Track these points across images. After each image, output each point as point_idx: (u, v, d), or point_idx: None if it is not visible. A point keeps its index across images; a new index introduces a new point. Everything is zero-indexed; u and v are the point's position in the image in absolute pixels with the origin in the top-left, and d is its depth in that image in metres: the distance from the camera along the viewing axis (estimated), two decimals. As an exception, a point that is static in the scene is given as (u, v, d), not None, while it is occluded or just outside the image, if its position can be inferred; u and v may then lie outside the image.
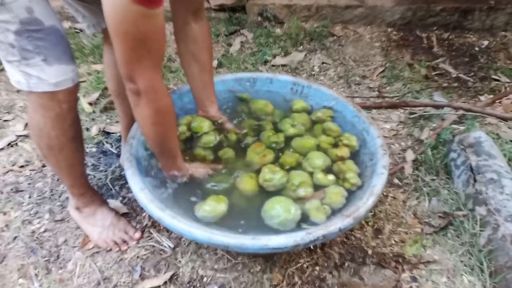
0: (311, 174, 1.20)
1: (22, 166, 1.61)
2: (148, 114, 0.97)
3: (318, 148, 1.30)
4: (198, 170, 1.21)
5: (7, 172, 1.59)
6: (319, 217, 1.06)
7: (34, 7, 0.91)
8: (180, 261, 1.28)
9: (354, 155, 1.28)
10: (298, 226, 1.06)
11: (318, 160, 1.22)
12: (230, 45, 2.38)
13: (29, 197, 1.49)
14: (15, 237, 1.35)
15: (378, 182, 1.08)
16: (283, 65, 2.21)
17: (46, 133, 1.08)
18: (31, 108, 1.07)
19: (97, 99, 1.94)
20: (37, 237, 1.35)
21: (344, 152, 1.27)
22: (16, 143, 1.72)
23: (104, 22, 1.17)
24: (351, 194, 1.15)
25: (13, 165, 1.62)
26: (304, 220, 1.08)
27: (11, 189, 1.52)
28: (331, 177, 1.19)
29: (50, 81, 0.99)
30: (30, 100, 1.05)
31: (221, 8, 2.53)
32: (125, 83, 0.92)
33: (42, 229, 1.38)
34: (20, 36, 0.92)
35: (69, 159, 1.17)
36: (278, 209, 1.05)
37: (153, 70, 0.91)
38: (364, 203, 1.02)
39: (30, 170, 1.60)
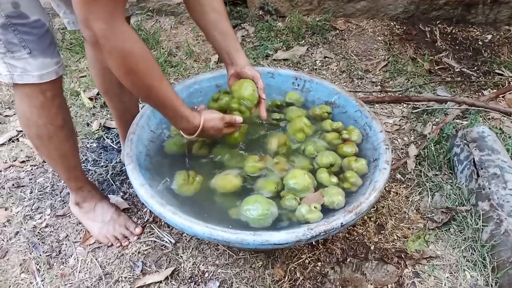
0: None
1: (23, 162, 1.61)
2: (115, 64, 0.88)
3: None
4: (211, 122, 1.09)
5: (9, 167, 1.59)
6: (313, 218, 1.05)
7: (20, 2, 0.92)
8: (181, 257, 1.28)
9: (358, 150, 1.27)
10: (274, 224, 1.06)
11: (325, 158, 1.21)
12: (231, 39, 2.36)
13: (31, 193, 1.49)
14: (17, 232, 1.35)
15: (380, 178, 1.07)
16: (285, 60, 2.19)
17: (33, 122, 1.09)
18: (17, 98, 1.08)
19: (97, 94, 1.94)
20: (38, 233, 1.35)
21: (353, 147, 1.26)
22: (17, 138, 1.71)
23: None
24: (352, 193, 1.14)
25: (14, 161, 1.61)
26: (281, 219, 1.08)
27: (13, 185, 1.52)
28: (334, 179, 1.16)
29: (34, 73, 0.99)
30: (14, 91, 1.06)
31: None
32: (82, 31, 0.85)
33: (43, 225, 1.38)
34: (6, 29, 0.93)
35: (60, 148, 1.17)
36: (257, 205, 1.05)
37: (112, 10, 0.81)
38: (367, 199, 1.01)
39: (31, 166, 1.59)
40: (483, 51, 2.29)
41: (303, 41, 2.35)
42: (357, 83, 2.06)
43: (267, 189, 1.12)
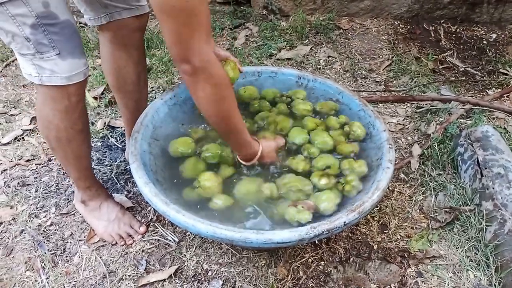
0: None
1: (28, 160, 1.62)
2: (210, 92, 0.94)
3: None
4: (268, 149, 1.17)
5: (14, 166, 1.60)
6: (304, 218, 1.05)
7: (50, 1, 0.92)
8: (185, 255, 1.28)
9: (360, 149, 1.26)
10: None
11: (321, 161, 1.21)
12: (235, 38, 2.36)
13: (36, 191, 1.50)
14: (22, 231, 1.36)
15: (383, 177, 1.07)
16: (289, 59, 2.19)
17: (55, 125, 1.10)
18: (40, 100, 1.08)
19: (102, 93, 1.95)
20: (43, 231, 1.36)
21: (354, 147, 1.26)
22: (23, 137, 1.73)
23: (102, 17, 1.18)
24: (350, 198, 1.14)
25: (19, 159, 1.63)
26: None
27: (18, 183, 1.53)
28: (323, 181, 1.15)
29: (63, 75, 1.00)
30: (39, 93, 1.07)
31: (226, 2, 2.52)
32: (179, 66, 0.90)
33: (48, 223, 1.39)
34: (36, 30, 0.93)
35: (77, 151, 1.19)
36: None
37: (206, 43, 0.87)
38: (370, 198, 1.01)
39: (37, 164, 1.61)
40: (487, 50, 2.28)
41: (307, 40, 2.35)
42: (361, 82, 2.06)
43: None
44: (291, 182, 1.14)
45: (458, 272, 1.24)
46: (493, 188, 1.31)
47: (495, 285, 1.18)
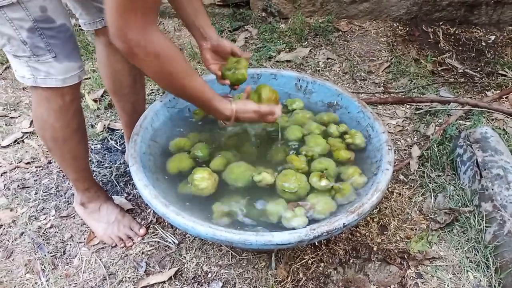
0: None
1: (28, 163, 1.63)
2: (151, 70, 0.91)
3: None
4: (245, 114, 1.10)
5: (14, 168, 1.60)
6: (301, 222, 1.04)
7: (48, 6, 0.94)
8: (184, 257, 1.29)
9: (360, 151, 1.27)
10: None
11: (318, 164, 1.20)
12: (234, 41, 2.37)
13: (36, 194, 1.50)
14: (22, 233, 1.36)
15: (383, 178, 1.07)
16: (288, 61, 2.20)
17: (50, 125, 1.11)
18: (35, 101, 1.09)
19: (102, 96, 1.95)
20: (43, 233, 1.36)
21: (350, 155, 1.24)
22: (23, 140, 1.73)
23: (98, 22, 1.19)
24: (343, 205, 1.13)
25: (19, 162, 1.63)
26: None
27: (18, 186, 1.53)
28: (323, 183, 1.14)
29: (58, 77, 1.01)
30: (33, 94, 1.08)
31: (225, 4, 2.52)
32: (116, 42, 0.84)
33: (48, 225, 1.39)
34: (33, 33, 0.94)
35: (74, 151, 1.19)
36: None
37: (146, 18, 0.82)
38: (369, 199, 1.02)
39: (36, 167, 1.61)
40: (486, 52, 2.29)
41: (306, 42, 2.35)
42: (360, 84, 2.06)
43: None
44: (290, 175, 1.14)
45: (457, 273, 1.24)
46: (492, 189, 1.32)
47: (494, 286, 1.18)
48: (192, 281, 1.23)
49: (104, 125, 1.79)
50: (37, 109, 1.10)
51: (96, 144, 1.70)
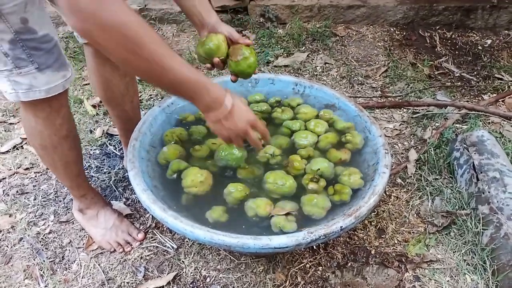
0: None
1: (27, 169, 1.63)
2: (111, 45, 0.75)
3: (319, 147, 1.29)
4: (243, 110, 0.95)
5: (13, 174, 1.61)
6: (290, 227, 1.04)
7: (29, 17, 0.92)
8: (183, 262, 1.29)
9: (356, 154, 1.28)
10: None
11: (314, 165, 1.20)
12: (232, 46, 2.38)
13: (34, 199, 1.50)
14: (21, 239, 1.37)
15: (380, 182, 1.08)
16: (286, 66, 2.21)
17: (38, 132, 1.10)
18: (22, 109, 1.08)
19: (100, 101, 1.96)
20: (42, 239, 1.37)
21: (346, 155, 1.25)
22: (22, 146, 1.74)
23: None
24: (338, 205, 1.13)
25: (18, 168, 1.63)
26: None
27: (17, 191, 1.54)
28: (313, 185, 1.13)
29: (41, 88, 0.99)
30: (20, 102, 1.05)
31: (223, 10, 2.54)
32: (68, 17, 0.73)
33: (47, 231, 1.39)
34: (14, 45, 0.92)
35: (64, 158, 1.18)
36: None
37: None
38: (366, 202, 1.02)
39: (35, 173, 1.61)
40: (482, 55, 2.30)
41: (304, 47, 2.37)
42: (358, 88, 2.07)
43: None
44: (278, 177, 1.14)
45: (455, 276, 1.24)
46: (489, 192, 1.32)
47: (492, 289, 1.18)
48: (191, 285, 1.23)
49: (103, 131, 1.80)
50: (24, 116, 1.09)
51: (95, 150, 1.71)
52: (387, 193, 1.50)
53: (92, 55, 1.27)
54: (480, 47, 2.38)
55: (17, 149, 1.72)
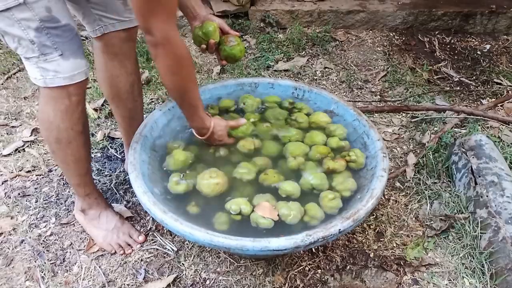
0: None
1: (29, 171, 1.64)
2: (167, 65, 1.03)
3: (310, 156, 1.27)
4: (219, 128, 1.23)
5: (15, 177, 1.62)
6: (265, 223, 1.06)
7: (52, 7, 0.99)
8: (183, 264, 1.30)
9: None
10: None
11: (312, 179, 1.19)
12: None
13: (36, 202, 1.52)
14: (22, 241, 1.38)
15: (378, 185, 1.09)
16: (286, 70, 2.23)
17: (56, 126, 1.14)
18: (42, 102, 1.13)
19: (102, 105, 1.97)
20: (43, 241, 1.38)
21: (339, 166, 1.22)
22: (23, 149, 1.75)
23: (97, 29, 1.22)
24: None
25: (20, 170, 1.65)
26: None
27: (18, 194, 1.55)
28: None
29: (65, 74, 1.06)
30: (41, 95, 1.12)
31: (224, 15, 2.56)
32: (144, 35, 0.98)
33: (48, 233, 1.40)
34: (40, 33, 0.99)
35: (76, 154, 1.21)
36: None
37: (167, 21, 0.95)
38: (364, 206, 1.03)
39: (37, 175, 1.63)
40: (481, 60, 2.32)
41: (304, 52, 2.39)
42: (357, 93, 2.09)
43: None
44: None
45: (453, 280, 1.25)
46: (487, 196, 1.33)
47: (490, 292, 1.19)
48: (191, 287, 1.24)
49: (105, 134, 1.81)
50: (44, 109, 1.13)
51: (96, 153, 1.72)
52: (386, 197, 1.51)
53: (101, 50, 1.30)
54: (479, 52, 2.40)
55: (19, 152, 1.74)
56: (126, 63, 1.33)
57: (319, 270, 1.28)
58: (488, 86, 2.13)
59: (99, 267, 1.30)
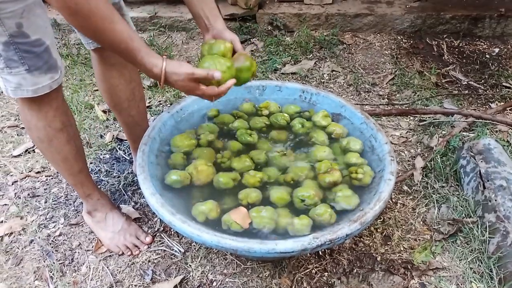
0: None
1: (38, 172, 1.66)
2: (59, 5, 0.84)
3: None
4: (175, 77, 0.98)
5: (24, 177, 1.64)
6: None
7: (24, 23, 0.97)
8: (190, 266, 1.30)
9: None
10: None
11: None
12: (240, 53, 2.41)
13: (45, 202, 1.53)
14: (32, 241, 1.39)
15: (385, 188, 1.09)
16: (293, 73, 2.24)
17: (34, 125, 1.14)
18: (19, 104, 1.13)
19: (111, 107, 1.99)
20: (52, 241, 1.39)
21: (335, 177, 1.16)
22: (33, 150, 1.77)
23: (90, 43, 1.23)
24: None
25: (30, 171, 1.67)
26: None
27: (28, 194, 1.57)
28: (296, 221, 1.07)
29: (28, 87, 1.04)
30: (16, 98, 1.11)
31: (232, 18, 2.58)
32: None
33: (57, 233, 1.42)
34: (8, 47, 0.97)
35: (62, 152, 1.20)
36: None
37: None
38: (371, 209, 1.03)
39: (46, 176, 1.64)
40: (490, 64, 2.30)
41: (311, 55, 2.39)
42: (364, 96, 2.09)
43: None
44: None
45: (461, 284, 1.24)
46: (495, 200, 1.33)
47: (498, 297, 1.18)
48: (197, 289, 1.24)
49: (113, 136, 1.83)
50: (21, 111, 1.14)
51: (104, 154, 1.74)
52: (394, 200, 1.51)
53: (98, 61, 1.31)
54: (487, 56, 2.38)
55: (28, 153, 1.76)
56: (124, 72, 1.33)
57: (326, 273, 1.28)
58: (497, 90, 2.11)
59: (107, 267, 1.31)
